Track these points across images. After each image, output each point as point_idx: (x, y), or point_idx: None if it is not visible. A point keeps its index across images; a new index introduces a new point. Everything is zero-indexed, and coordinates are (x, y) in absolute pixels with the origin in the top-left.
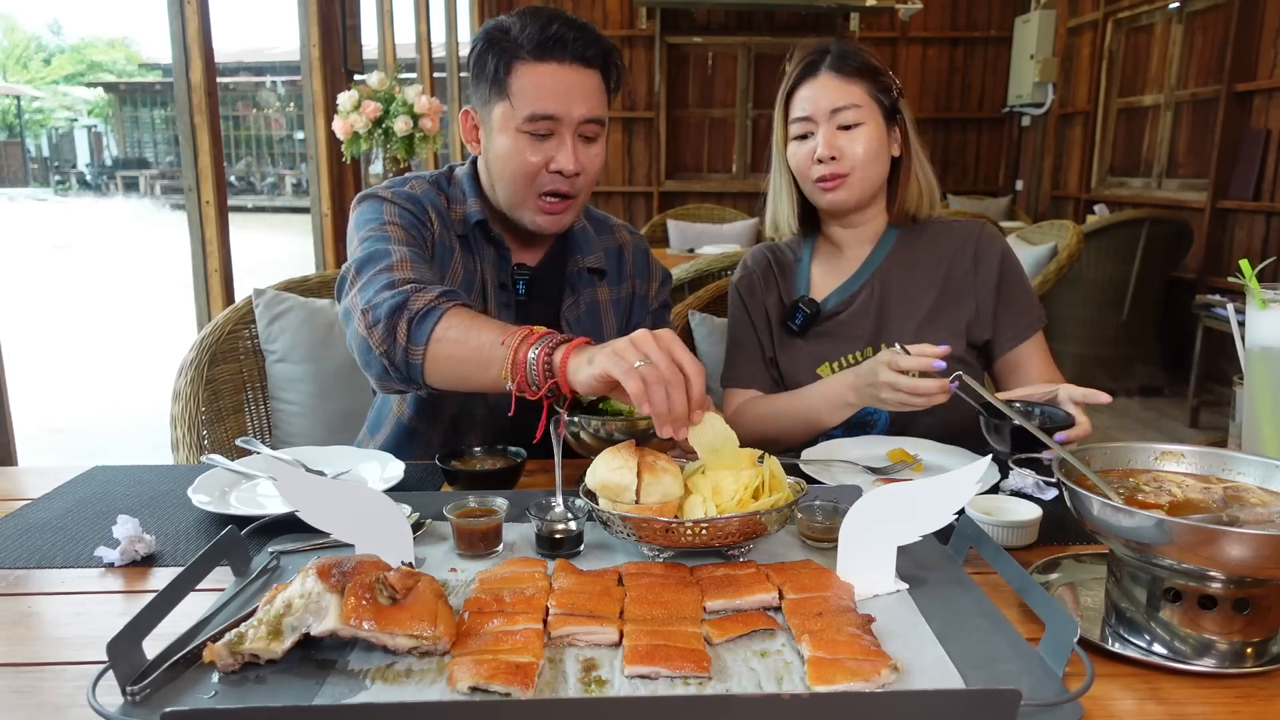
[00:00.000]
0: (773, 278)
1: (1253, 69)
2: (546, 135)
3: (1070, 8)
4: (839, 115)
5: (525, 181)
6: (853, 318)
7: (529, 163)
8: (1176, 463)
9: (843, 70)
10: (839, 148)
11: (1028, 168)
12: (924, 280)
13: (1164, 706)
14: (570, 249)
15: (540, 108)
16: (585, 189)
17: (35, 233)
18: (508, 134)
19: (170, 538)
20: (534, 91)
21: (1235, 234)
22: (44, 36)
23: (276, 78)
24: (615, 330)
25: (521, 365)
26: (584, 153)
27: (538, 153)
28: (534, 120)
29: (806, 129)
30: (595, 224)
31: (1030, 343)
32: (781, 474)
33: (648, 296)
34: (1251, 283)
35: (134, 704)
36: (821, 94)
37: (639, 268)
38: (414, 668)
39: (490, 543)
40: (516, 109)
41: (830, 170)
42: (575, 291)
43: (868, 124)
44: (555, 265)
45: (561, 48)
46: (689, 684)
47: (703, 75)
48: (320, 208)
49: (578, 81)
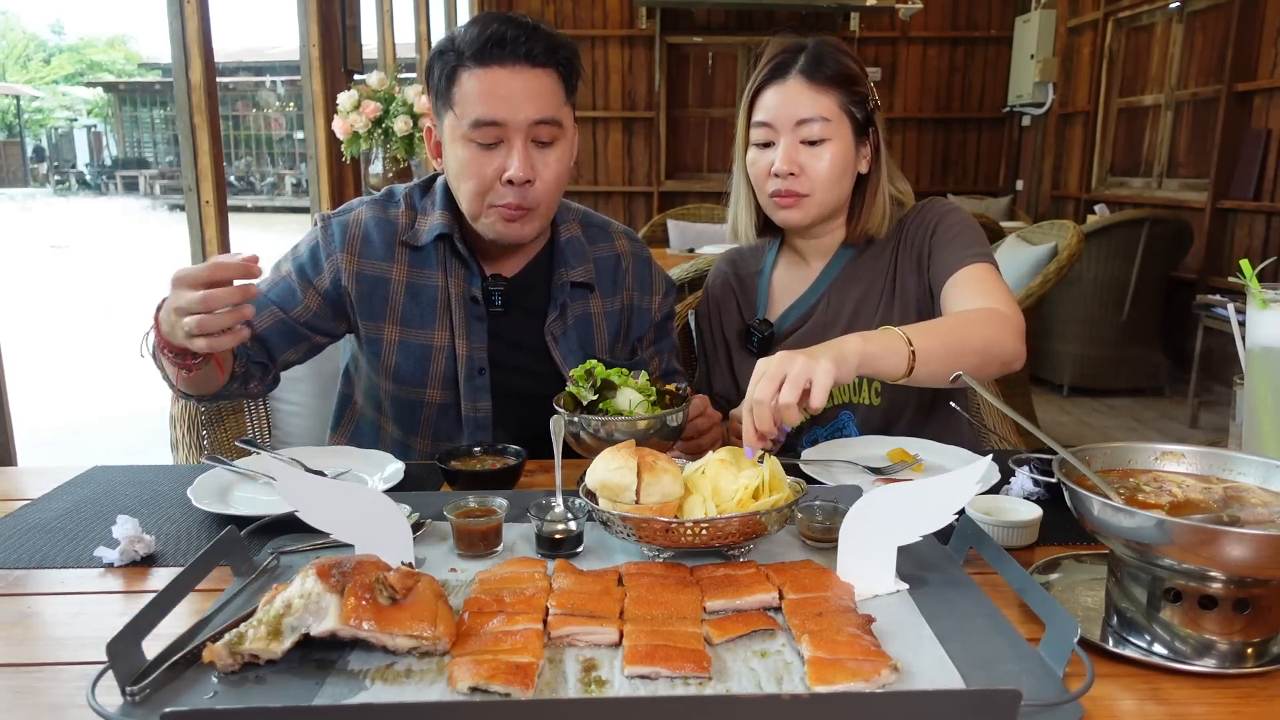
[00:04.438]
0: (731, 296)
1: (1253, 69)
2: (496, 143)
3: (1070, 7)
4: (804, 128)
5: (479, 195)
6: (808, 335)
7: (479, 174)
8: (1177, 463)
9: (814, 77)
10: (800, 164)
11: (1028, 168)
12: (876, 287)
13: (1164, 707)
14: (556, 261)
15: (483, 114)
16: (545, 198)
17: (34, 233)
18: (457, 145)
19: (170, 538)
20: (476, 98)
21: (1235, 234)
22: (43, 36)
23: (276, 77)
24: (608, 343)
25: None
26: (539, 159)
27: (487, 163)
28: (478, 127)
29: (768, 137)
30: (592, 231)
31: (960, 274)
32: (781, 474)
33: (651, 309)
34: (1252, 283)
35: (134, 704)
36: (787, 101)
37: (640, 279)
38: (414, 668)
39: (490, 543)
40: (461, 118)
41: (787, 187)
42: (560, 306)
43: (834, 140)
44: (539, 276)
45: (501, 49)
46: (689, 684)
47: (703, 75)
48: (320, 207)
49: (523, 83)
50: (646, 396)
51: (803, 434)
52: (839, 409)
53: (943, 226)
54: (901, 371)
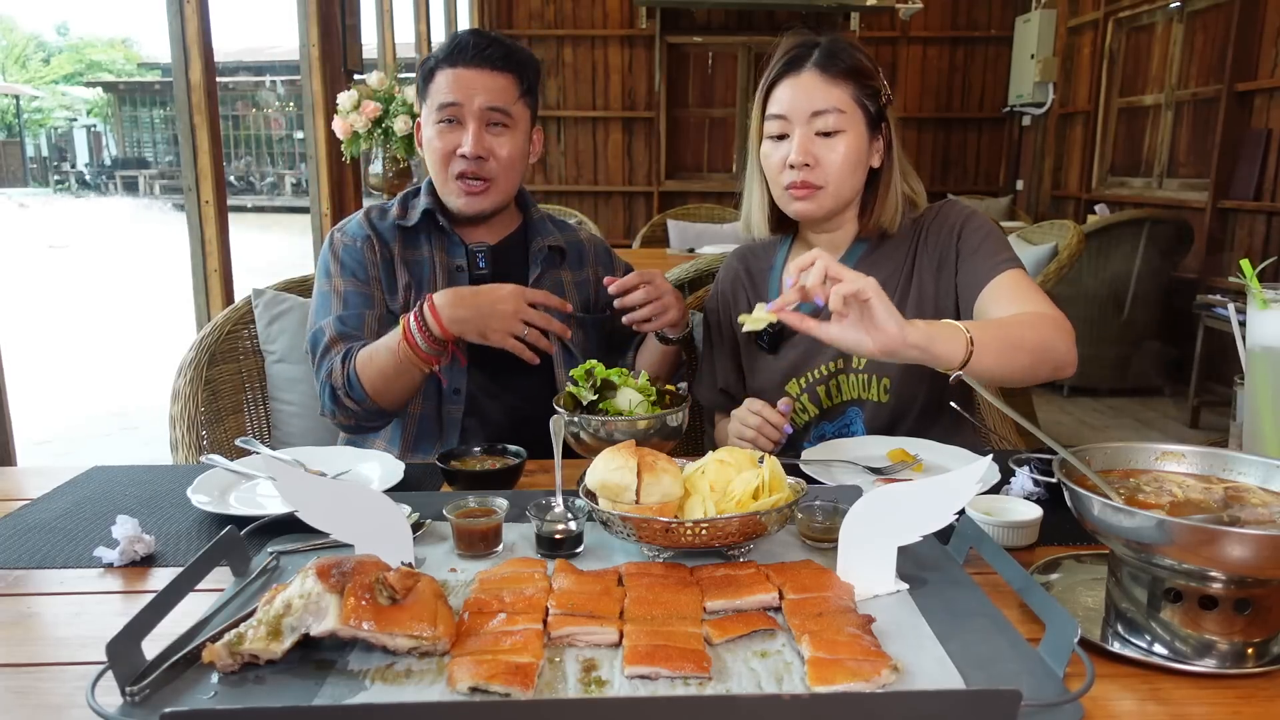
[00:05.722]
0: (742, 291)
1: (1253, 69)
2: (455, 123)
3: (1071, 7)
4: (818, 119)
5: (441, 165)
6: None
7: (439, 148)
8: (1177, 463)
9: (828, 70)
10: (815, 155)
11: (1028, 167)
12: (890, 284)
13: (1165, 707)
14: (531, 234)
15: (445, 98)
16: (502, 175)
17: (33, 233)
18: (429, 127)
19: (170, 538)
20: (443, 88)
21: (1236, 234)
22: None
23: (276, 77)
24: (576, 311)
25: (405, 330)
26: (491, 140)
27: (449, 139)
28: (442, 109)
29: (783, 129)
30: (558, 221)
31: (995, 281)
32: (781, 474)
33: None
34: (1252, 282)
35: (133, 704)
36: (802, 93)
37: (602, 260)
38: (414, 668)
39: (490, 543)
40: (430, 105)
41: (803, 178)
42: (539, 268)
43: (848, 132)
44: (517, 245)
45: (465, 53)
46: (689, 684)
47: (703, 75)
48: (320, 207)
49: (480, 79)
50: (646, 396)
51: (810, 429)
52: (847, 405)
53: (968, 232)
54: (959, 358)
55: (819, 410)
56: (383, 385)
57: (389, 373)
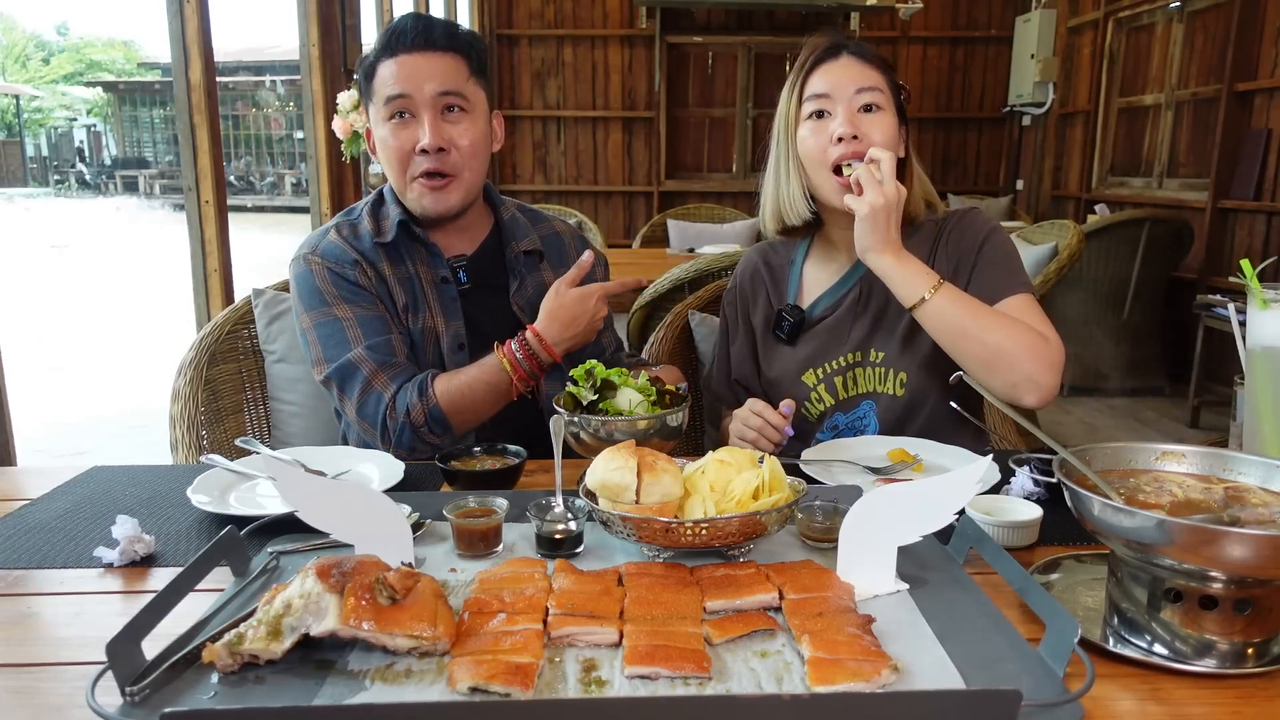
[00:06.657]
0: (761, 283)
1: (1253, 68)
2: (408, 116)
3: (1071, 7)
4: (862, 95)
5: (399, 167)
6: (839, 322)
7: (396, 147)
8: (1177, 463)
9: (864, 55)
10: (861, 129)
11: (1028, 167)
12: None
13: (1165, 707)
14: (505, 238)
15: (392, 91)
16: (467, 166)
17: (32, 233)
18: (380, 127)
19: (169, 538)
20: (387, 81)
21: (1236, 234)
22: (43, 36)
23: (276, 77)
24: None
25: (513, 363)
26: (450, 130)
27: (404, 137)
28: (390, 103)
29: (824, 106)
30: (531, 214)
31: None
32: (781, 474)
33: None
34: (1252, 282)
35: (133, 704)
36: (844, 73)
37: (580, 250)
38: (414, 668)
39: (490, 543)
40: (376, 103)
41: (852, 149)
42: (519, 276)
43: (887, 111)
44: (493, 253)
45: (402, 40)
46: (689, 684)
47: (703, 75)
48: (320, 207)
49: (426, 64)
50: (646, 396)
51: (824, 420)
52: (861, 398)
53: (989, 246)
54: (907, 303)
55: (834, 401)
56: (473, 417)
57: (486, 404)
